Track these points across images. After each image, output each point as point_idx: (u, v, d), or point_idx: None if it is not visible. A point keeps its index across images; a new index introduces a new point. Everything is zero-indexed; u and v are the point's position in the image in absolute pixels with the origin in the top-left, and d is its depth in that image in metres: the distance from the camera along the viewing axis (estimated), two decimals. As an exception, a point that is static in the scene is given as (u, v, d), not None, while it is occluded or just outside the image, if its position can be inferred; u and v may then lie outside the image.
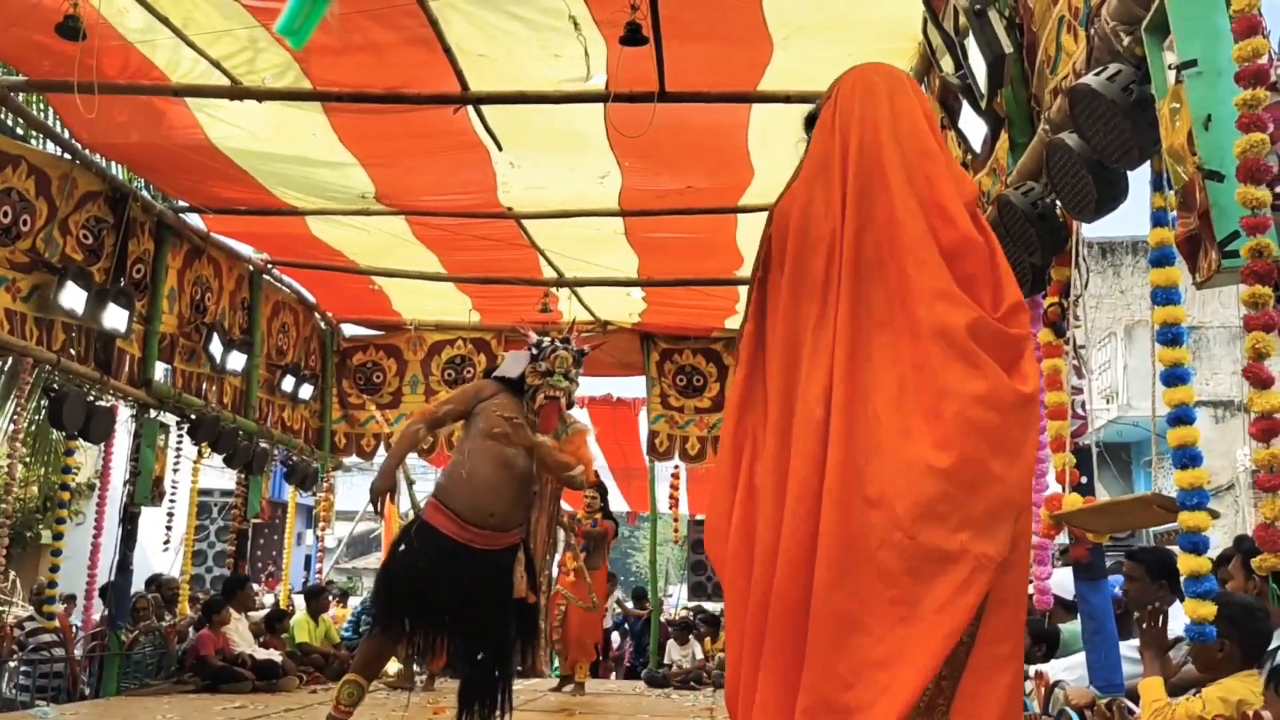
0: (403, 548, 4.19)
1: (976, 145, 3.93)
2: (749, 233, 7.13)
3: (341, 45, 4.95)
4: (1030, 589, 5.99)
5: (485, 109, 5.47)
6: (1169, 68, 2.42)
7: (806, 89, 5.10)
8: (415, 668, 7.30)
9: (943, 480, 2.01)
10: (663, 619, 11.23)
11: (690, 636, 9.94)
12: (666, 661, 9.74)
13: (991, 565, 2.00)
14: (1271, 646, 2.96)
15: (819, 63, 4.92)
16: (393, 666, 7.39)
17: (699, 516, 14.94)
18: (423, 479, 15.08)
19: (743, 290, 8.51)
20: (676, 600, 18.41)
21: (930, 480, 2.02)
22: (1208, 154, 2.23)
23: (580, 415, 7.71)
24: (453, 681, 4.45)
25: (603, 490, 8.00)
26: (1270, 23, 2.15)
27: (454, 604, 4.06)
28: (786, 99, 5.15)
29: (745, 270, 7.97)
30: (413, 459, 9.84)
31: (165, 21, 4.79)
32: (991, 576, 2.01)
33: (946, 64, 3.90)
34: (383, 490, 4.31)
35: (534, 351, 4.40)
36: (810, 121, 2.49)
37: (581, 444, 4.43)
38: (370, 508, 4.48)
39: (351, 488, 13.43)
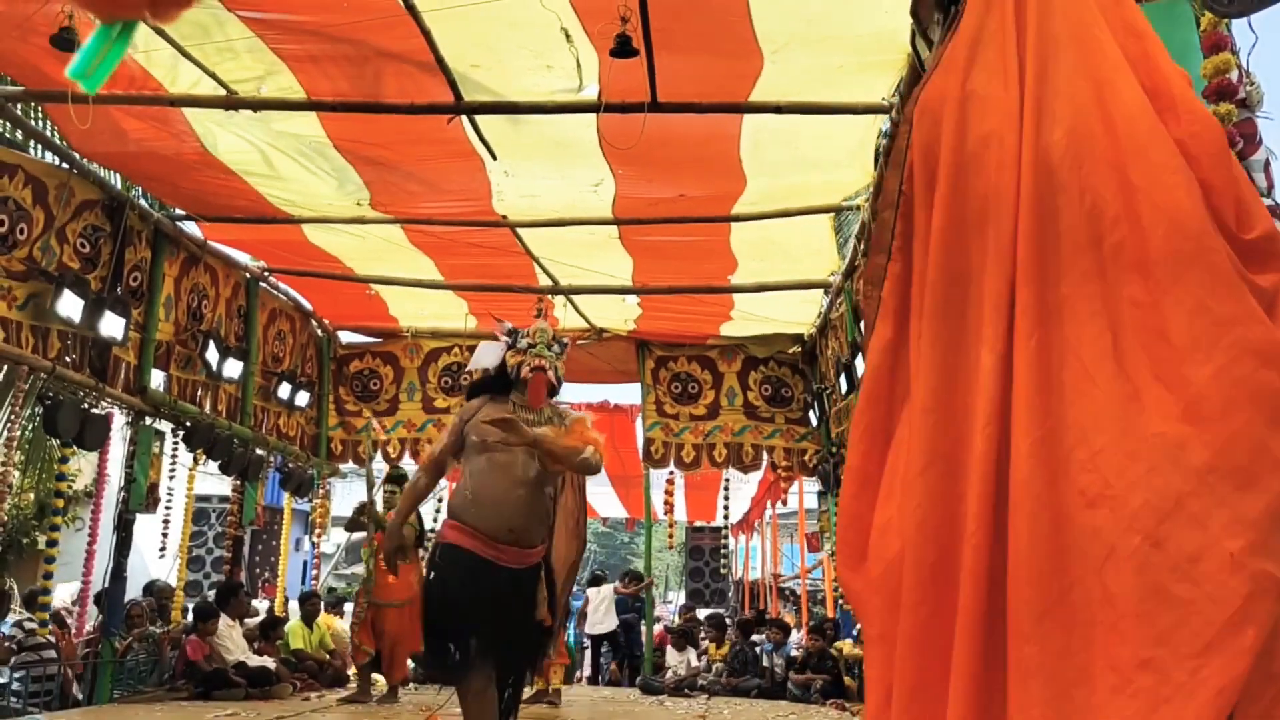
0: (431, 576, 4.04)
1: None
2: (743, 239, 7.17)
3: (336, 56, 4.99)
4: None
5: (479, 118, 5.51)
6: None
7: (796, 99, 5.16)
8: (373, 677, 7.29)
9: (1199, 467, 1.43)
10: (660, 626, 11.25)
11: (688, 644, 9.95)
12: (665, 668, 9.75)
13: (1277, 588, 1.39)
14: None
15: (808, 74, 4.98)
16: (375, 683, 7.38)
17: (697, 523, 15.00)
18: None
19: (738, 299, 8.58)
20: (675, 607, 18.42)
21: (1179, 466, 1.43)
22: None
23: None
24: (420, 695, 4.39)
25: (403, 482, 7.65)
26: (1247, 43, 2.17)
27: (487, 619, 3.90)
28: (777, 109, 5.20)
29: (740, 276, 8.02)
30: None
31: (160, 33, 4.82)
32: (1278, 605, 1.39)
33: (933, 76, 3.93)
34: (395, 549, 4.31)
35: (508, 339, 4.26)
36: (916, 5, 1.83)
37: (584, 429, 4.17)
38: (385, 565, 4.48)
39: (349, 494, 13.45)
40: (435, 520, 8.85)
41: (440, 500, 8.97)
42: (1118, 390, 1.49)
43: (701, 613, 12.24)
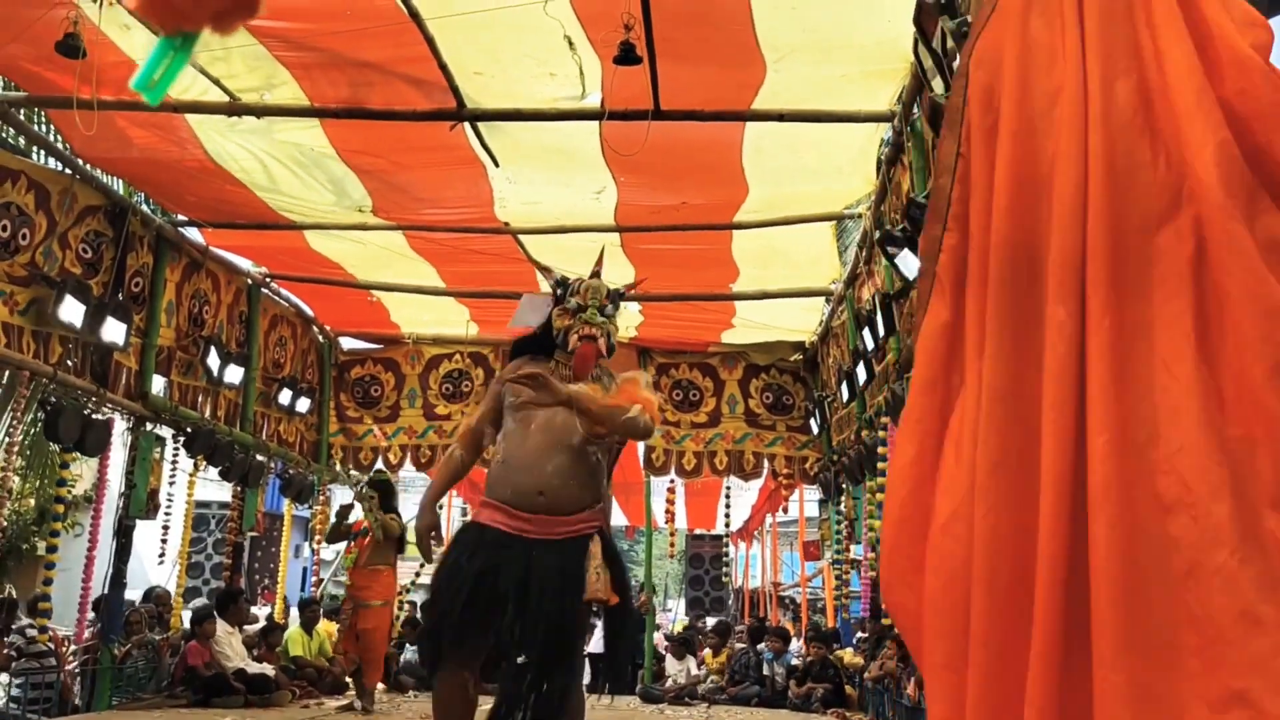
0: (444, 557, 3.48)
1: (966, 165, 3.96)
2: (745, 247, 7.17)
3: (340, 62, 5.00)
4: None
5: (482, 125, 5.52)
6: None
7: (798, 108, 5.17)
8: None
9: None
10: (660, 634, 11.23)
11: (687, 653, 9.93)
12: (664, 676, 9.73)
13: None
14: None
15: (810, 83, 4.99)
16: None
17: (697, 531, 14.98)
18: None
19: (739, 305, 8.58)
20: (675, 615, 18.40)
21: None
22: None
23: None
24: (420, 702, 3.56)
25: (385, 488, 7.45)
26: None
27: (511, 606, 3.22)
28: (779, 117, 5.21)
29: (741, 284, 8.02)
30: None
31: (164, 38, 4.83)
32: None
33: (937, 85, 3.94)
34: (427, 528, 3.63)
35: (558, 292, 3.68)
36: None
37: (635, 388, 3.53)
38: (420, 550, 3.76)
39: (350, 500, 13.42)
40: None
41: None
42: (1197, 381, 1.32)
43: (708, 620, 12.24)
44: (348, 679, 7.69)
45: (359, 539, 7.41)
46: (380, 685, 7.49)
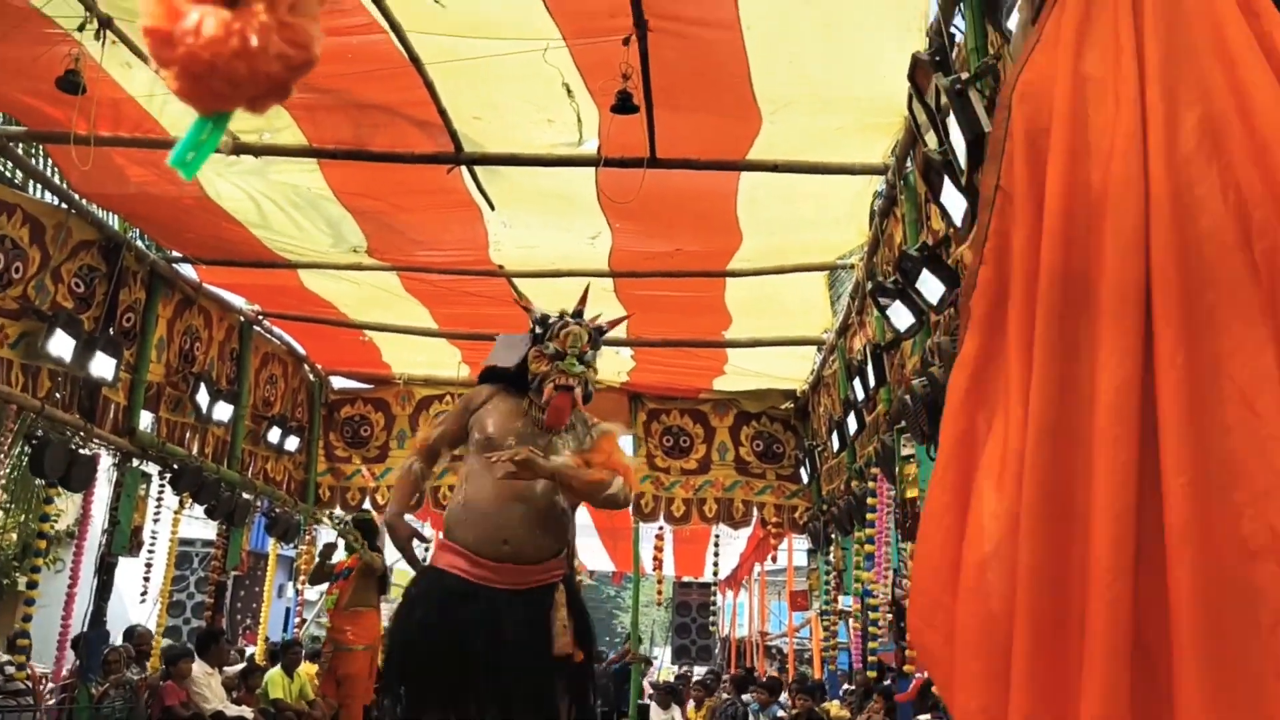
0: (401, 606, 3.38)
1: (958, 219, 3.99)
2: (738, 295, 7.20)
3: (339, 104, 5.04)
4: None
5: (479, 169, 5.56)
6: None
7: (794, 159, 5.22)
8: None
9: None
10: (645, 682, 11.11)
11: (673, 702, 9.81)
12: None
13: None
14: None
15: (806, 135, 5.05)
16: None
17: (685, 578, 14.88)
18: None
19: (731, 353, 8.60)
20: (661, 663, 18.20)
21: None
22: None
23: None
24: None
25: (368, 527, 7.41)
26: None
27: (479, 664, 3.13)
28: (774, 168, 5.26)
29: (734, 331, 8.04)
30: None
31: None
32: None
33: (930, 140, 3.98)
34: (406, 537, 3.47)
35: (537, 330, 3.58)
36: None
37: (613, 448, 3.52)
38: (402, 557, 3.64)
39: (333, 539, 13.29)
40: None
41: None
42: None
43: (697, 669, 12.10)
44: None
45: (341, 580, 7.32)
46: None
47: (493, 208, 5.95)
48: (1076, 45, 1.47)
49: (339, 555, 7.55)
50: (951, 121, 3.56)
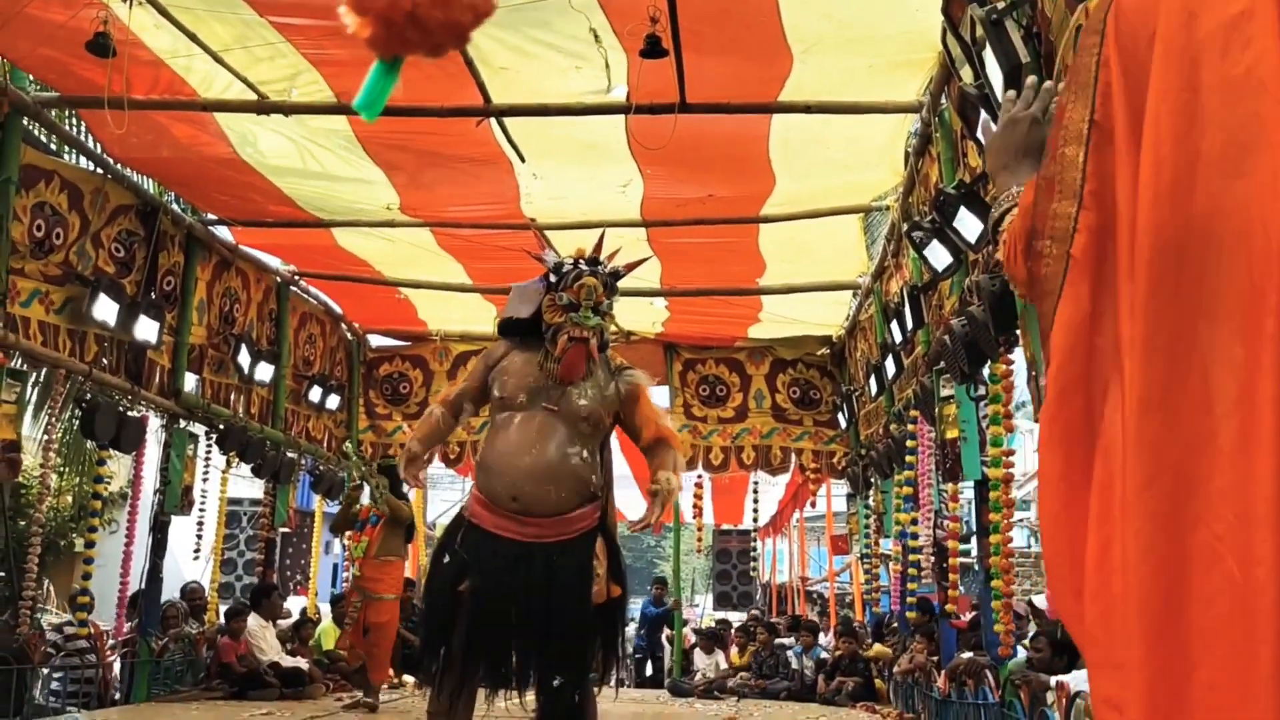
0: (445, 558, 3.37)
1: (995, 155, 3.92)
2: (772, 239, 7.15)
3: (366, 60, 5.01)
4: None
5: (508, 121, 5.53)
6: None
7: (826, 99, 5.14)
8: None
9: None
10: (689, 628, 11.24)
11: (717, 647, 9.93)
12: (693, 670, 9.74)
13: None
14: None
15: (838, 74, 4.97)
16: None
17: (724, 526, 14.97)
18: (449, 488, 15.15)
19: (766, 300, 8.56)
20: (702, 610, 18.40)
21: None
22: None
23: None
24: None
25: (393, 473, 6.88)
26: None
27: (510, 613, 3.19)
28: (806, 109, 5.18)
29: (768, 278, 8.00)
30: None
31: (193, 38, 4.87)
32: None
33: (966, 74, 3.90)
34: (411, 460, 3.56)
35: (551, 279, 3.50)
36: None
37: (653, 413, 3.56)
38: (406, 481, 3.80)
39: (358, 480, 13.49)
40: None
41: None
42: None
43: (736, 616, 12.21)
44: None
45: (368, 526, 7.18)
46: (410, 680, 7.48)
47: (523, 160, 5.93)
48: None
49: (365, 499, 7.35)
50: (988, 53, 3.48)
